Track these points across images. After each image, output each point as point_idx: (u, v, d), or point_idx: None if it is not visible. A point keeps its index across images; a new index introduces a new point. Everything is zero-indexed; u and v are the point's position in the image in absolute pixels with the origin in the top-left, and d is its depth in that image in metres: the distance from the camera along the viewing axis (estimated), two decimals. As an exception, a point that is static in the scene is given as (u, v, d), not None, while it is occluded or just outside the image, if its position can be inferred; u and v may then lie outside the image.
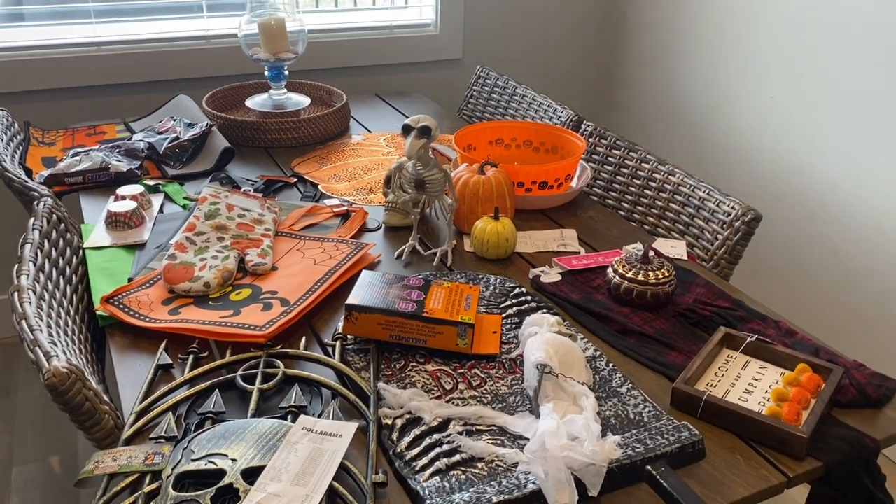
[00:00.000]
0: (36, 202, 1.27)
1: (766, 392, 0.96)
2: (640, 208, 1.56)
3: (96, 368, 1.09)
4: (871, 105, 1.79)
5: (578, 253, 1.32)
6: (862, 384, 0.97)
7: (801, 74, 1.95)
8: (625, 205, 1.60)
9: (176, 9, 2.09)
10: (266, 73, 1.84)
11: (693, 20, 2.25)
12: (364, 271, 1.11)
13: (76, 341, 1.08)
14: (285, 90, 1.89)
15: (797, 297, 2.05)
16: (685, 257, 1.32)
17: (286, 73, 1.86)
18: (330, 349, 1.05)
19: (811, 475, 0.88)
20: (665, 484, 0.83)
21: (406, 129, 1.18)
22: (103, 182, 1.53)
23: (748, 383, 0.98)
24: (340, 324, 1.08)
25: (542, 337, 0.98)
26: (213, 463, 0.82)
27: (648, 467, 0.85)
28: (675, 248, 1.35)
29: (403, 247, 1.31)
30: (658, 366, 1.03)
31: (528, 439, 0.88)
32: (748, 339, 1.03)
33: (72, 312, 1.14)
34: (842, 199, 1.90)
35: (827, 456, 0.88)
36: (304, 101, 1.90)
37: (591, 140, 1.68)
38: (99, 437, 0.90)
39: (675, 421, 0.91)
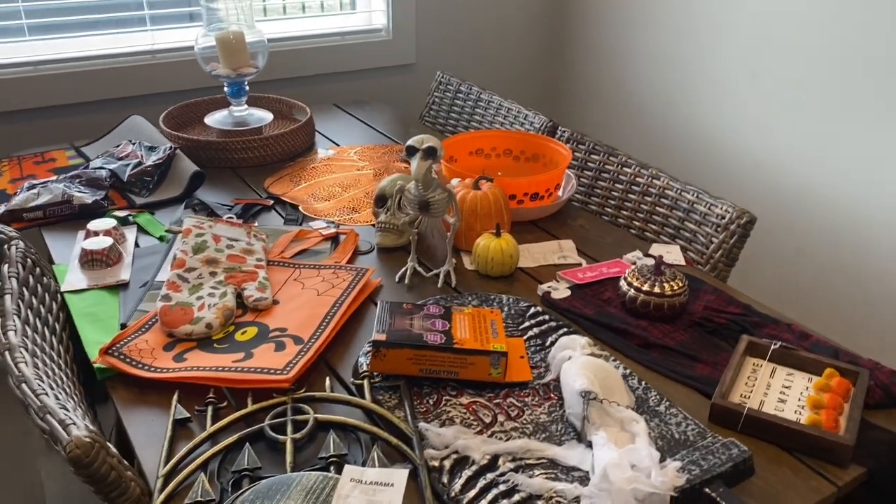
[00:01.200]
0: (6, 245, 1.17)
1: (800, 400, 0.98)
2: (624, 213, 1.56)
3: (100, 427, 1.01)
4: (830, 94, 1.85)
5: (580, 264, 1.31)
6: (887, 384, 0.99)
7: (758, 65, 2.00)
8: (608, 210, 1.60)
9: (117, 23, 1.97)
10: (226, 89, 1.76)
11: (644, 15, 2.28)
12: (380, 302, 1.07)
13: (74, 398, 1.00)
14: (246, 106, 1.81)
15: (773, 288, 2.11)
16: (682, 262, 1.33)
17: (247, 88, 1.78)
18: (354, 388, 1.00)
19: (856, 482, 0.89)
20: (727, 505, 0.82)
21: (411, 151, 1.14)
22: (66, 216, 1.43)
23: (780, 392, 0.99)
24: (360, 359, 1.04)
25: (577, 361, 0.96)
26: (263, 527, 0.77)
27: (707, 489, 0.84)
28: (670, 252, 1.36)
29: (403, 269, 1.27)
30: (687, 379, 1.03)
31: (582, 471, 0.87)
32: (773, 347, 1.04)
33: (63, 366, 1.06)
34: (804, 188, 1.96)
35: (869, 461, 0.90)
36: (267, 116, 1.83)
37: (568, 146, 1.67)
38: (125, 506, 0.84)
39: (720, 438, 0.91)
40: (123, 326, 1.12)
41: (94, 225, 1.33)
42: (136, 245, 1.35)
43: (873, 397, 0.98)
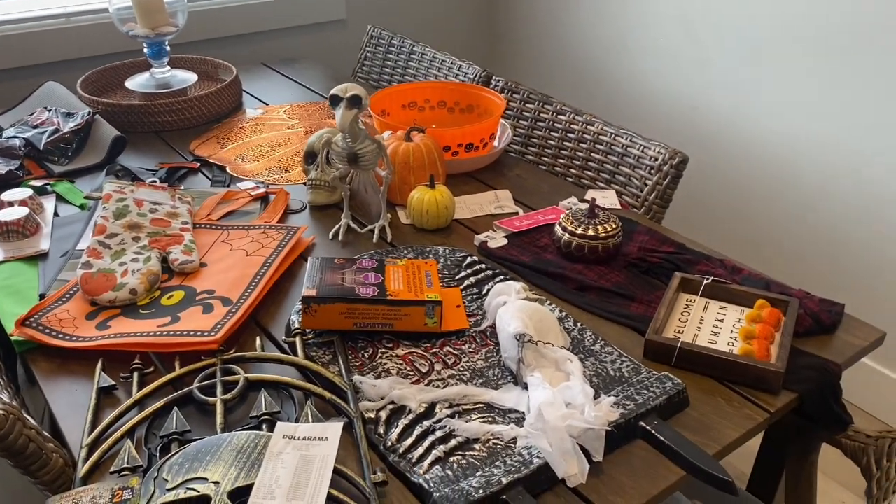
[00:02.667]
0: None
1: (732, 331, 0.99)
2: (561, 161, 1.55)
3: (21, 402, 0.97)
4: (758, 37, 1.86)
5: (516, 213, 1.30)
6: (816, 312, 1.01)
7: (690, 12, 1.99)
8: (545, 159, 1.59)
9: (26, -15, 1.87)
10: (145, 50, 1.68)
11: (576, -34, 2.25)
12: (310, 258, 1.04)
13: (-8, 374, 0.95)
14: (168, 67, 1.74)
15: (707, 227, 2.14)
16: (618, 206, 1.33)
17: (168, 48, 1.71)
18: (287, 346, 0.98)
19: (788, 408, 0.91)
20: (662, 437, 0.83)
21: (334, 100, 1.11)
22: (-22, 188, 1.36)
23: (713, 325, 1.00)
24: (293, 317, 1.01)
25: (512, 306, 0.95)
26: (193, 490, 0.75)
27: (642, 423, 0.85)
28: (606, 198, 1.36)
29: (337, 226, 1.24)
30: (622, 318, 1.03)
31: (519, 412, 0.86)
32: (705, 282, 1.05)
33: (-22, 342, 1.01)
34: (738, 130, 1.97)
35: (799, 386, 0.91)
36: (191, 77, 1.76)
37: (503, 95, 1.65)
38: (48, 479, 0.80)
39: (655, 373, 0.91)
40: (43, 297, 1.07)
41: (8, 195, 1.27)
42: (56, 214, 1.29)
43: (803, 325, 1.00)
